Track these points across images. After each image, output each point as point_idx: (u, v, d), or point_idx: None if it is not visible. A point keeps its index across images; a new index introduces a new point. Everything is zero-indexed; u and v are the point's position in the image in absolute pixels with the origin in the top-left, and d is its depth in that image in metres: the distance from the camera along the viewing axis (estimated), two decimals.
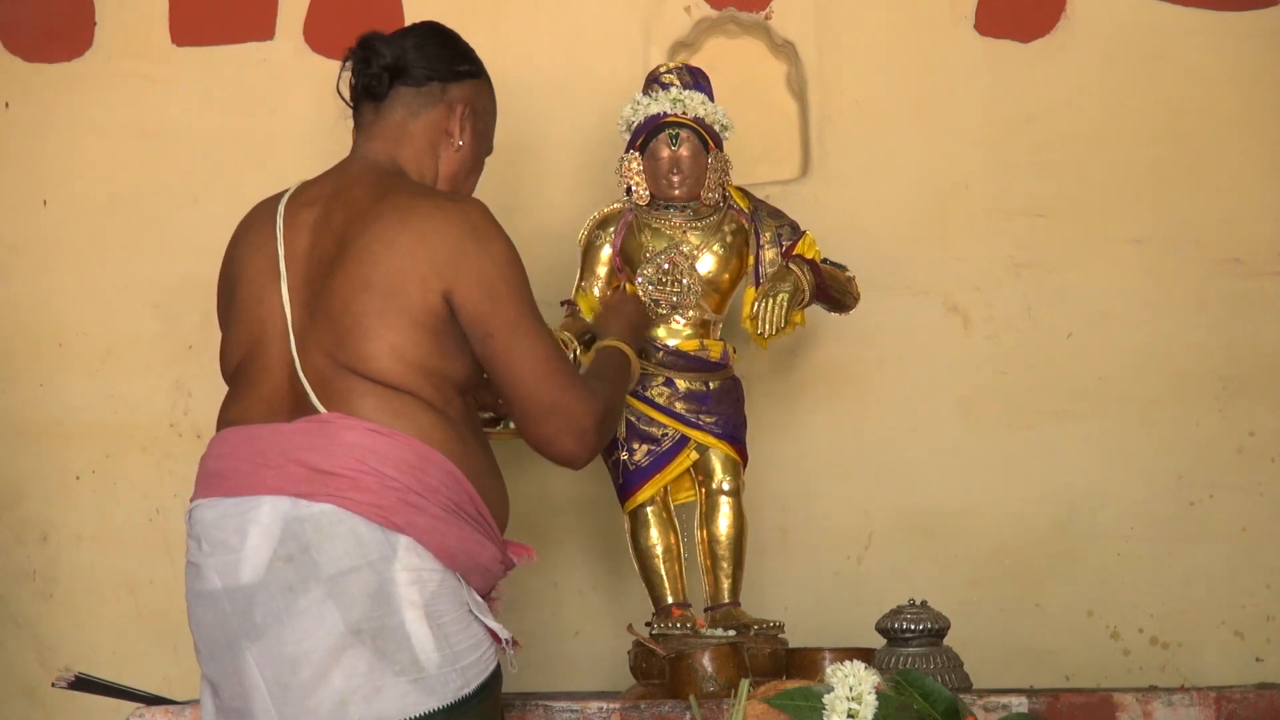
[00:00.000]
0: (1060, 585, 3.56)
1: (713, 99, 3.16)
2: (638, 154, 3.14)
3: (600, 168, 3.49)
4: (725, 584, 3.12)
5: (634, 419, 3.10)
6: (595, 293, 3.19)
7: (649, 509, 3.13)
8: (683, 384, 3.12)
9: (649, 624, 3.10)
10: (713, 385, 3.14)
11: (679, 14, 3.71)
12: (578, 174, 3.64)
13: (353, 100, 2.71)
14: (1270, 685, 3.14)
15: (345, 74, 2.70)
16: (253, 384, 2.53)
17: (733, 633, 3.02)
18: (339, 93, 2.72)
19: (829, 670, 2.53)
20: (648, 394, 3.10)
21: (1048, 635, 3.54)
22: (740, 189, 3.21)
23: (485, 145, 2.78)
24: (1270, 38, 3.64)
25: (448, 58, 2.70)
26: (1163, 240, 3.62)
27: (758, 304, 3.04)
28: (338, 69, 2.72)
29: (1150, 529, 3.56)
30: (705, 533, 3.14)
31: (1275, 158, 3.63)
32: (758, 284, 3.11)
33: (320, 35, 3.69)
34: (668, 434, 3.11)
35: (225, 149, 3.69)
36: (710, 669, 2.84)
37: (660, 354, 3.11)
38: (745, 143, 3.45)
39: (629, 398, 3.08)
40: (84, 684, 2.94)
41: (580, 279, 3.20)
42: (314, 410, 2.46)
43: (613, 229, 3.18)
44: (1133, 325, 3.60)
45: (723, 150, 3.15)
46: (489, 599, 2.58)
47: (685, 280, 3.11)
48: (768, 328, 3.02)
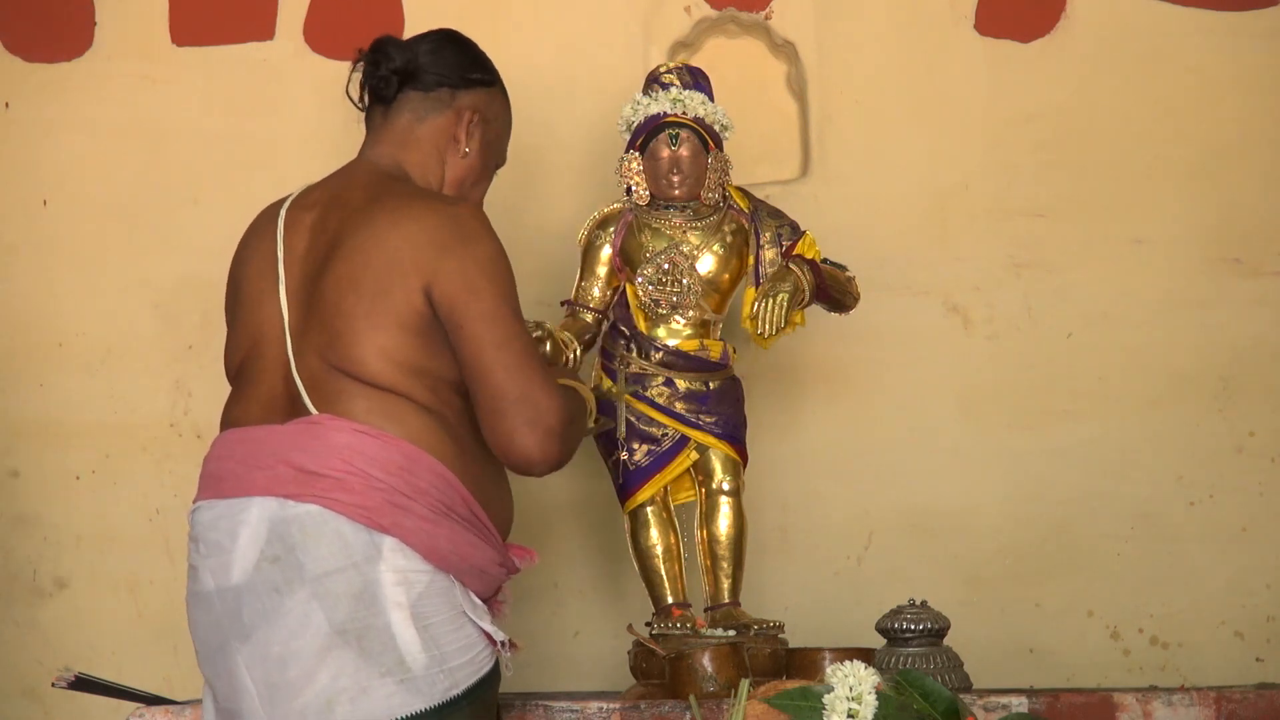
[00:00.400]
0: (1060, 585, 3.56)
1: (713, 99, 3.16)
2: (638, 154, 3.14)
3: (600, 168, 3.48)
4: (725, 584, 3.12)
5: (634, 419, 3.10)
6: (595, 293, 3.18)
7: (649, 509, 3.13)
8: (683, 384, 3.12)
9: (649, 624, 3.09)
10: (713, 385, 3.13)
11: (679, 14, 3.71)
12: (578, 174, 3.64)
13: (365, 103, 2.70)
14: (1270, 685, 3.14)
15: (356, 76, 2.69)
16: (252, 385, 2.53)
17: (733, 633, 3.02)
18: (348, 95, 2.71)
19: (829, 670, 2.53)
20: (648, 394, 3.10)
21: (1048, 635, 3.54)
22: (740, 189, 3.21)
23: (495, 155, 2.75)
24: (1270, 38, 3.64)
25: (460, 64, 2.68)
26: (1163, 240, 3.62)
27: (758, 304, 3.03)
28: (337, 69, 2.72)
29: (1150, 529, 3.56)
30: (705, 533, 3.13)
31: (1275, 158, 3.63)
32: (758, 284, 3.11)
33: (320, 35, 3.69)
34: (668, 434, 3.11)
35: (225, 149, 3.69)
36: (710, 669, 2.84)
37: (660, 354, 3.11)
38: (745, 143, 3.44)
39: (629, 398, 3.08)
40: (84, 684, 2.94)
41: (580, 279, 3.19)
42: (307, 412, 2.45)
43: (613, 229, 3.18)
44: (1133, 325, 3.60)
45: (723, 150, 3.14)
46: (493, 601, 2.57)
47: (685, 280, 3.10)
48: (768, 328, 3.02)
